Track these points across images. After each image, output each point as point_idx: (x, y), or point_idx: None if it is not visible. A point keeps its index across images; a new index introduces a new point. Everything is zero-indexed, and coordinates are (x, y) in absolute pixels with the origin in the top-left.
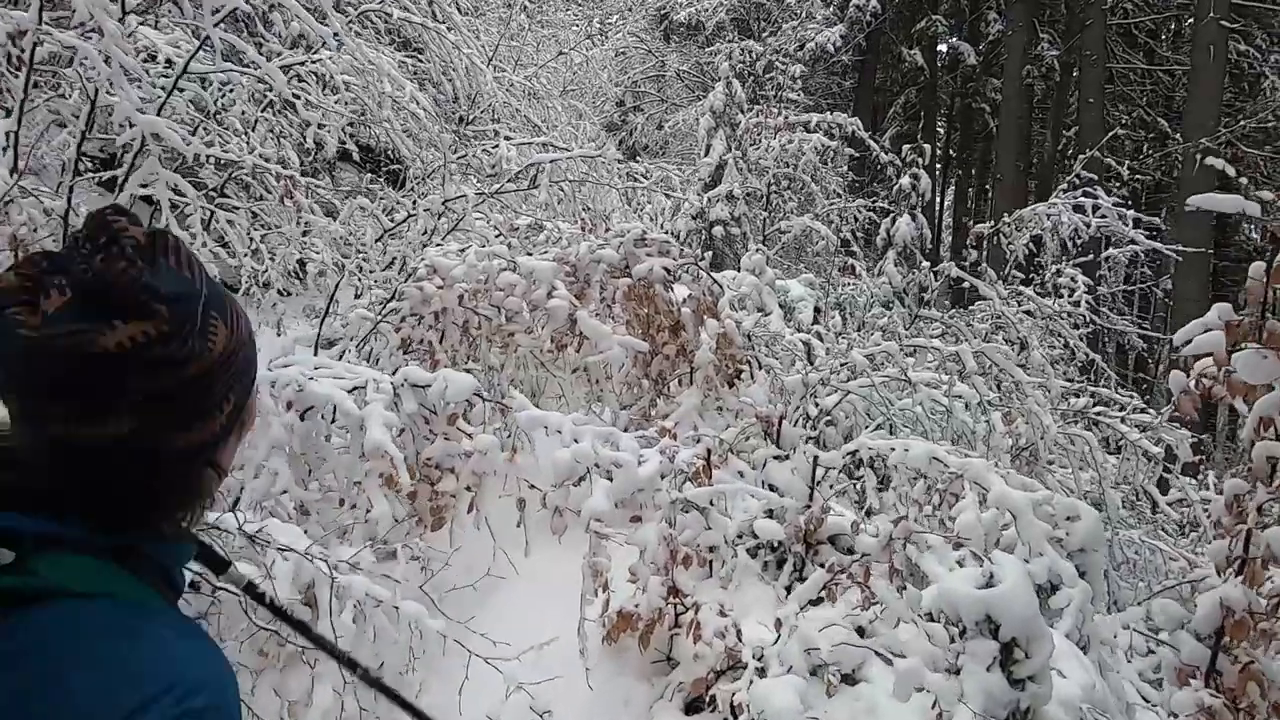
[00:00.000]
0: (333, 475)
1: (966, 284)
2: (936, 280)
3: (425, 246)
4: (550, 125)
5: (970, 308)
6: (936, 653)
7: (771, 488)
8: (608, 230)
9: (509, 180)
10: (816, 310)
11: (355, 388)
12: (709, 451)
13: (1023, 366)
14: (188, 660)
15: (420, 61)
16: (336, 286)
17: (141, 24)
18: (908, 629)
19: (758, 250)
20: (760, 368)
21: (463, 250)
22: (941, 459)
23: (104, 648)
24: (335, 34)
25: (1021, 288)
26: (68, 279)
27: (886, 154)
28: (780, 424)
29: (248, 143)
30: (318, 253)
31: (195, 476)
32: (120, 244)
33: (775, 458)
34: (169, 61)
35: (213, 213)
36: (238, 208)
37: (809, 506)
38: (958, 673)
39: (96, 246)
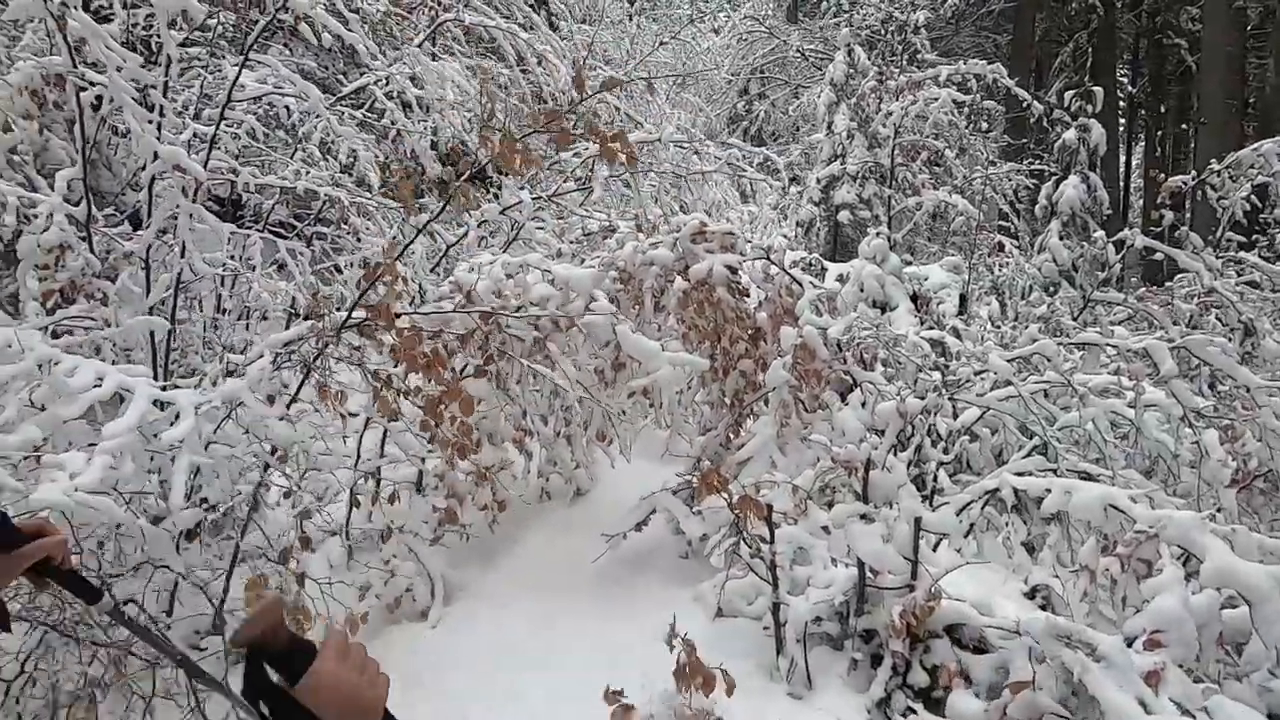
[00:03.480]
0: None
1: (1162, 256)
2: (1118, 253)
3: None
4: (655, 120)
5: (1168, 285)
6: None
7: (861, 562)
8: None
9: (566, 179)
10: (963, 299)
11: None
12: (769, 509)
13: (1248, 360)
14: None
15: (521, 71)
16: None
17: (239, 61)
18: None
19: (878, 234)
20: (855, 385)
21: (491, 263)
22: (1123, 508)
23: None
24: (402, 54)
25: (1242, 254)
26: None
27: (1043, 103)
28: (868, 470)
29: (339, 166)
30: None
31: None
32: None
33: (862, 516)
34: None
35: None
36: (321, 235)
37: (911, 586)
38: None
39: None
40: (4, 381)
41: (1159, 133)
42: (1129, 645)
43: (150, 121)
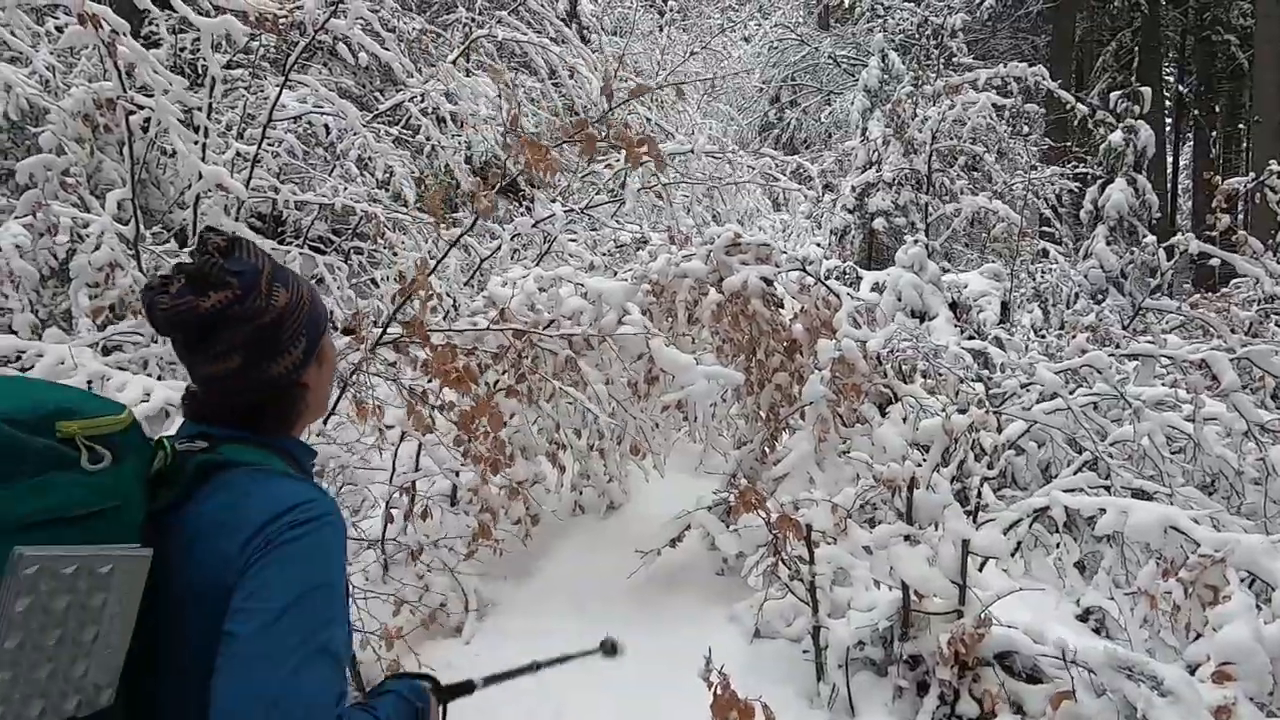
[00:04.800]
0: None
1: (1217, 261)
2: (1170, 259)
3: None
4: (686, 130)
5: (1224, 291)
6: None
7: (905, 585)
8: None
9: (597, 193)
10: (1004, 307)
11: None
12: (808, 529)
13: None
14: (307, 494)
15: (554, 84)
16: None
17: (279, 82)
18: None
19: (915, 242)
20: (895, 399)
21: (524, 277)
22: (1184, 530)
23: (261, 485)
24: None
25: None
26: (183, 273)
27: (1086, 104)
28: (911, 489)
29: (376, 182)
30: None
31: (291, 393)
32: (207, 247)
33: (905, 538)
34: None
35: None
36: (359, 250)
37: (959, 612)
38: None
39: (199, 249)
40: None
41: (1211, 133)
42: (1191, 673)
43: (195, 142)
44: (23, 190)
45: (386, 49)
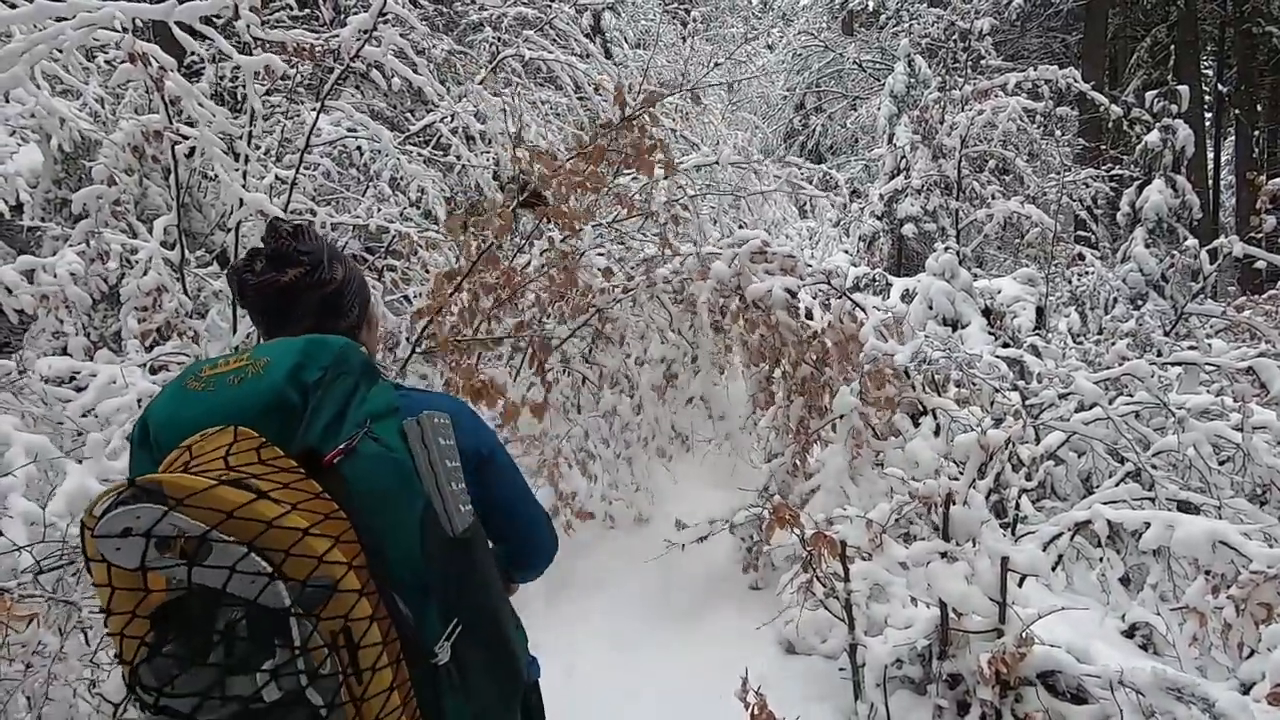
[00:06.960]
0: None
1: (1261, 263)
2: (1213, 261)
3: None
4: (711, 142)
5: (1271, 293)
6: None
7: (943, 602)
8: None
9: (623, 205)
10: (1040, 312)
11: None
12: (843, 546)
13: None
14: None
15: (579, 99)
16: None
17: (316, 108)
18: None
19: (946, 249)
20: (925, 412)
21: None
22: (1235, 545)
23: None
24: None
25: None
26: (262, 255)
27: (1120, 104)
28: (948, 505)
29: (408, 201)
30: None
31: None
32: (279, 232)
33: (943, 555)
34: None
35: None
36: (392, 267)
37: (999, 630)
38: None
39: (272, 236)
40: (109, 414)
41: (1254, 130)
42: (1245, 692)
43: (236, 169)
44: (76, 219)
45: (418, 74)
